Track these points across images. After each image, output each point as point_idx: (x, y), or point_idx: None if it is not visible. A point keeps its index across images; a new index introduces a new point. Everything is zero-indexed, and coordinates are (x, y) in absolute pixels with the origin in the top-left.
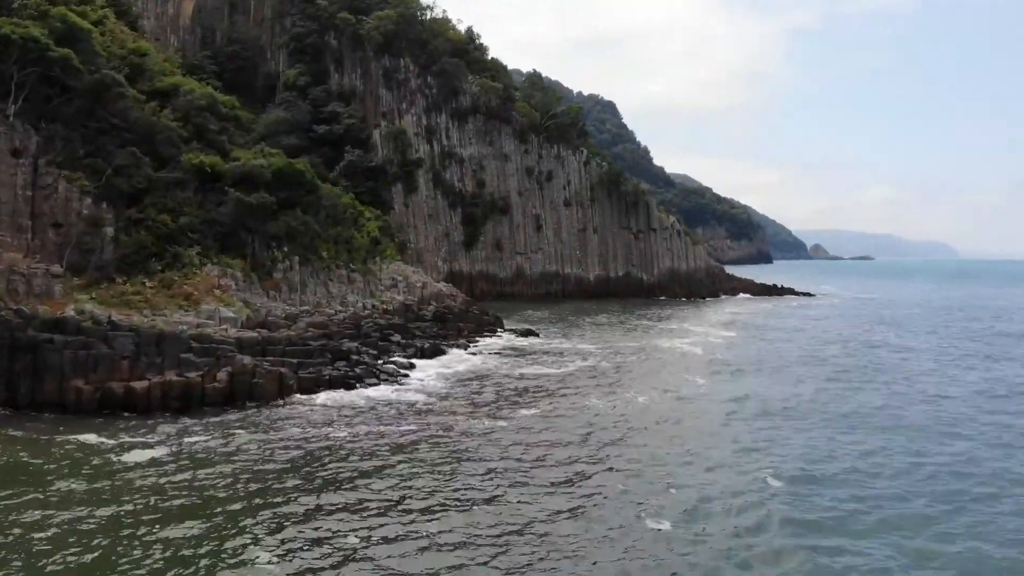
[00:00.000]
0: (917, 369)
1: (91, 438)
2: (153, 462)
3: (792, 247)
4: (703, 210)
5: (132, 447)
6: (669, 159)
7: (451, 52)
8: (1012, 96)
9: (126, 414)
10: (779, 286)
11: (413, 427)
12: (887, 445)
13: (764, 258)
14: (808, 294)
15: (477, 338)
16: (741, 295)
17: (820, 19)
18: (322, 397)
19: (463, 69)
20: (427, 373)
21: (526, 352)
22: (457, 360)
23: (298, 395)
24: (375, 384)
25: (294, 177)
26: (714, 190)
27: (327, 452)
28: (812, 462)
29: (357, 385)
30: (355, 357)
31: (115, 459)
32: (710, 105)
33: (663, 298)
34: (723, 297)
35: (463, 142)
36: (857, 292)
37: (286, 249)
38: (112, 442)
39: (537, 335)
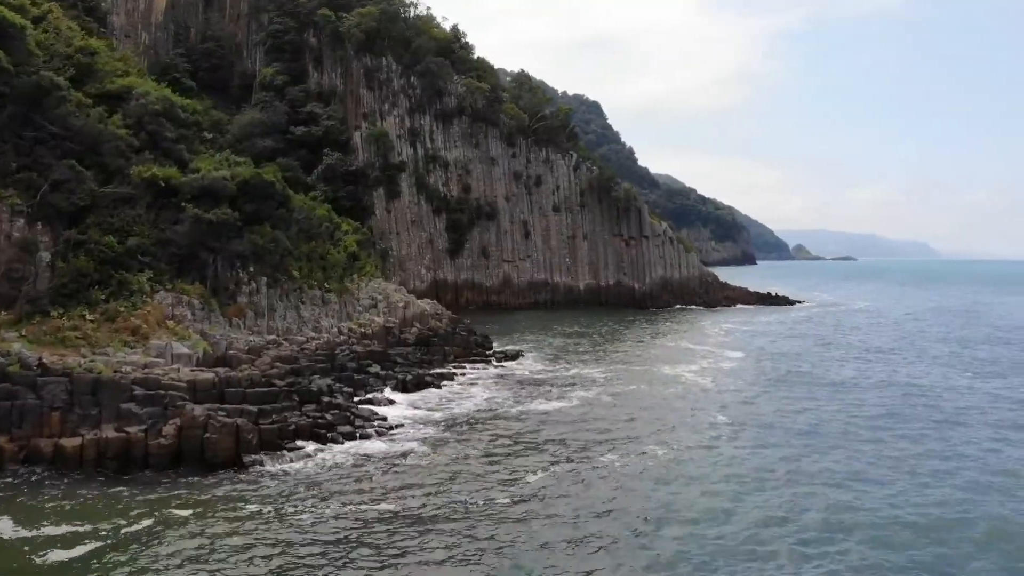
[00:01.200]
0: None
1: (5, 527)
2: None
3: (774, 247)
4: (688, 211)
5: (49, 544)
6: (652, 159)
7: (435, 51)
8: (992, 99)
9: (48, 475)
10: (773, 295)
11: (391, 507)
12: None
13: (748, 259)
14: (800, 302)
15: (465, 364)
16: (737, 305)
17: (807, 21)
18: (287, 454)
19: (448, 69)
20: (410, 413)
21: (521, 381)
22: (444, 396)
23: (259, 452)
24: (350, 434)
25: (262, 189)
26: (697, 191)
27: (283, 547)
28: None
29: (329, 436)
30: (326, 399)
31: (27, 562)
32: (696, 106)
33: (655, 309)
34: (717, 309)
35: (448, 145)
36: (851, 299)
37: (252, 270)
38: (28, 533)
39: (529, 357)
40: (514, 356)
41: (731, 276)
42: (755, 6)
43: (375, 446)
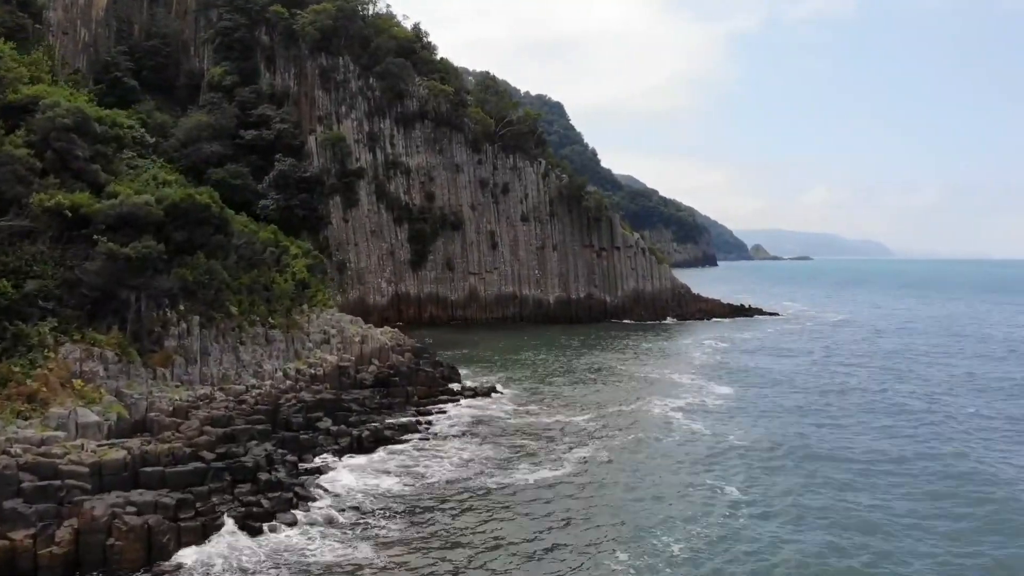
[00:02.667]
0: None
1: None
2: None
3: (733, 248)
4: (650, 213)
5: None
6: (613, 160)
7: (396, 51)
8: (942, 101)
9: None
10: (746, 306)
11: None
12: None
13: (709, 260)
14: (774, 313)
15: (430, 407)
16: (711, 319)
17: (761, 24)
18: (209, 555)
19: (409, 70)
20: (365, 487)
21: (498, 431)
22: (407, 456)
23: (177, 554)
24: (290, 523)
25: (195, 213)
26: (659, 192)
27: None
28: None
29: (265, 528)
30: (265, 476)
31: None
32: (653, 107)
33: (628, 323)
34: (691, 323)
35: (410, 150)
36: (824, 309)
37: (183, 308)
38: None
39: (502, 393)
40: (486, 392)
41: (694, 278)
42: (710, 10)
43: (317, 552)
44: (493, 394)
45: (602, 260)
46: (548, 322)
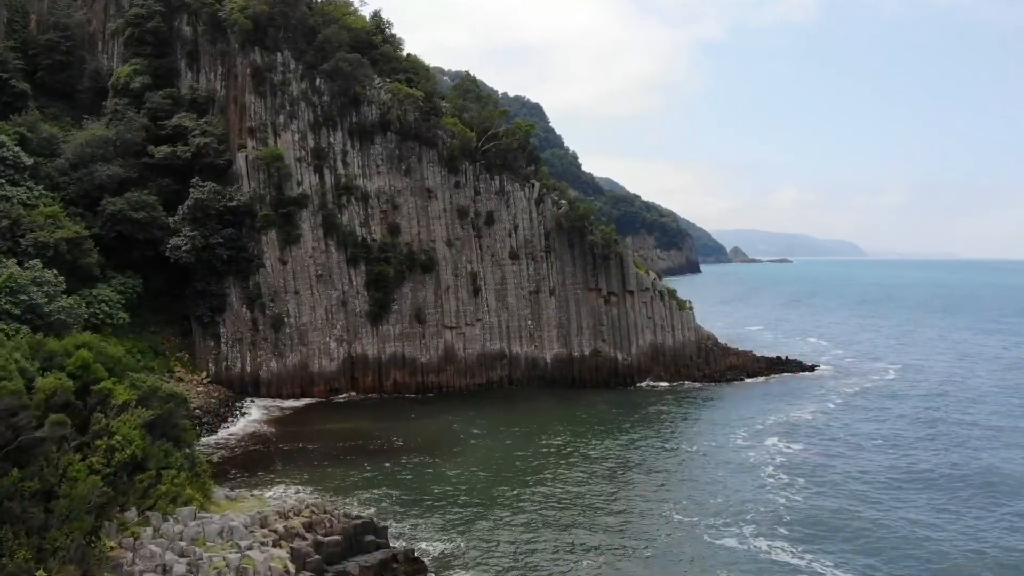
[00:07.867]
0: None
1: None
2: None
3: (712, 250)
4: (633, 218)
5: None
6: (585, 163)
7: (350, 45)
8: (904, 105)
9: None
10: (783, 359)
11: None
12: None
13: (692, 267)
14: (814, 366)
15: None
16: (745, 379)
17: (727, 30)
18: None
19: (367, 69)
20: None
21: None
22: None
23: None
24: None
25: None
26: (641, 196)
27: None
28: None
29: None
30: None
31: None
32: (620, 111)
33: (647, 386)
34: (723, 385)
35: (367, 171)
36: (865, 352)
37: None
38: None
39: None
40: None
41: (683, 289)
42: (675, 17)
43: None
44: None
45: (611, 307)
46: (545, 387)
